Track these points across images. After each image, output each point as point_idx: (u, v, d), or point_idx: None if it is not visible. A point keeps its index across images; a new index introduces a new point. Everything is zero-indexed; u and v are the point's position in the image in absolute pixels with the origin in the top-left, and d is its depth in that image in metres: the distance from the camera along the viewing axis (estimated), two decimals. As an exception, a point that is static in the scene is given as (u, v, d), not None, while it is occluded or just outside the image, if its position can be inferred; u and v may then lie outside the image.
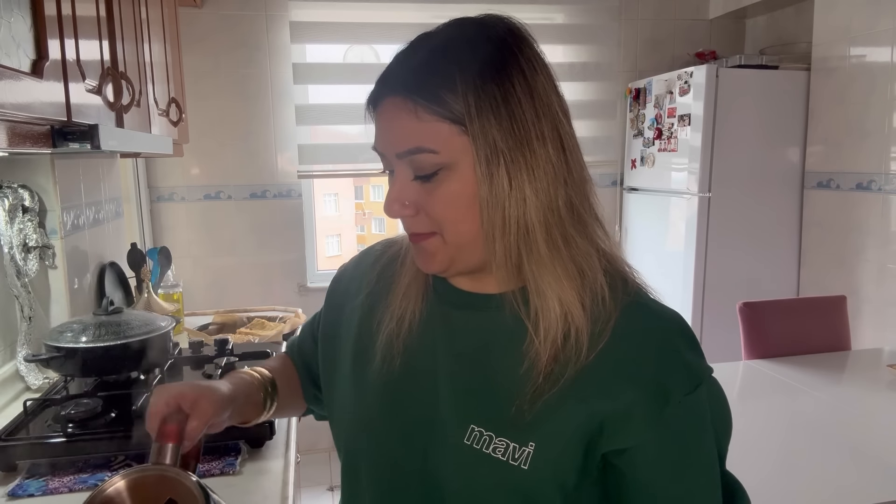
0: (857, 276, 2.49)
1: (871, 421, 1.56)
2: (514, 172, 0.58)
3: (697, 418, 0.62)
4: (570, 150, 0.62)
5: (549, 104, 0.60)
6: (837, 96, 2.55)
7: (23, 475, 1.08)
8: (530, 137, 0.58)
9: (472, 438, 0.63)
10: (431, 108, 0.58)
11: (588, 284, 0.61)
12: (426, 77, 0.59)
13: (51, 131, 0.97)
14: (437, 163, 0.59)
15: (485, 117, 0.57)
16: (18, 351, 1.46)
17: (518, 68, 0.59)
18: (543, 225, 0.59)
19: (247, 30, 2.82)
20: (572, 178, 0.61)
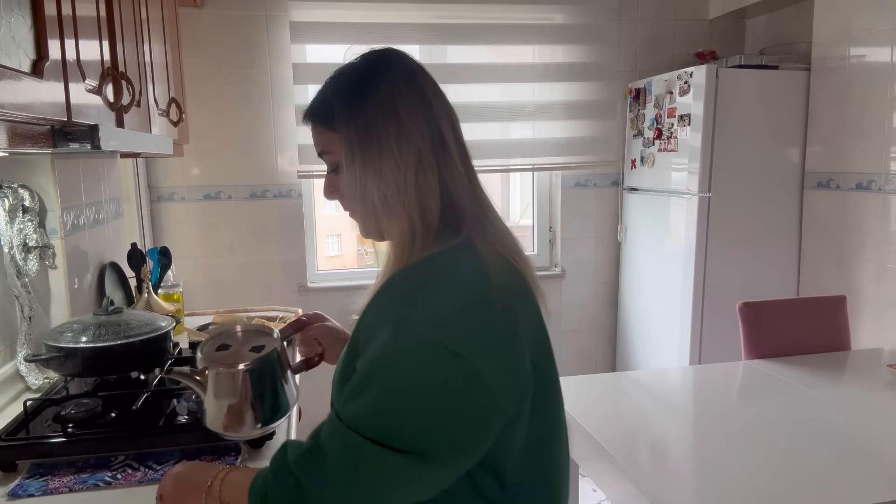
0: (857, 276, 2.49)
1: (871, 421, 1.56)
2: (363, 166, 0.78)
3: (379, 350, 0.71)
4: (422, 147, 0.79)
5: (397, 113, 0.79)
6: (837, 96, 2.55)
7: (23, 475, 1.08)
8: (381, 141, 0.78)
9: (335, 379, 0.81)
10: (321, 124, 0.83)
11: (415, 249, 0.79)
12: (319, 103, 0.84)
13: (51, 131, 0.97)
14: (334, 160, 0.83)
15: (348, 126, 0.79)
16: (18, 351, 1.46)
17: (374, 88, 0.79)
18: (384, 205, 0.79)
19: (247, 30, 2.82)
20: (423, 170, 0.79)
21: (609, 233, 3.26)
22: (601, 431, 1.49)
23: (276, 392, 0.88)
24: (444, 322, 0.69)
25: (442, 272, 0.75)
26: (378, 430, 0.68)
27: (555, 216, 3.27)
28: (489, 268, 0.75)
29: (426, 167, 0.79)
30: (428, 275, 0.75)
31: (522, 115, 3.04)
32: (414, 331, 0.69)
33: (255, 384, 0.86)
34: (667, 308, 2.84)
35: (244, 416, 0.86)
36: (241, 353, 0.88)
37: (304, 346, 1.07)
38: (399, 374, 0.69)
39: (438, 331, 0.68)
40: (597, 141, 3.13)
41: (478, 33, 2.95)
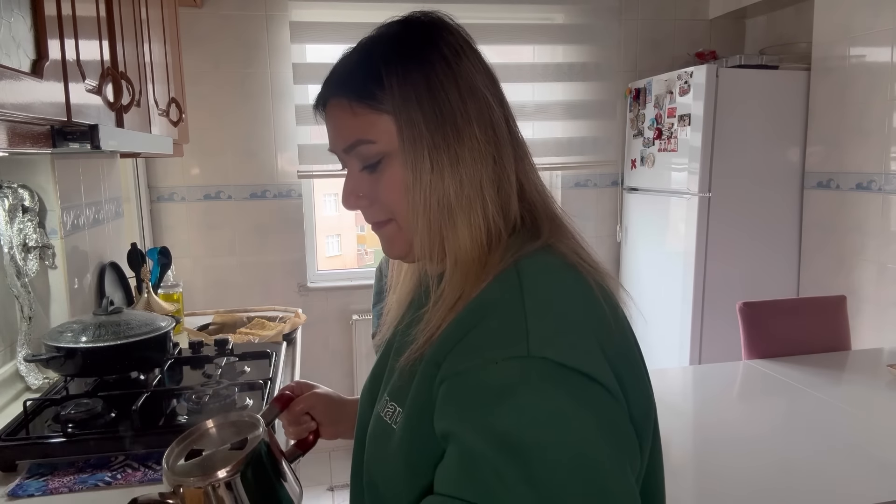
0: (857, 276, 2.49)
1: (871, 421, 1.56)
2: (435, 154, 0.61)
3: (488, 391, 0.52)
4: (500, 130, 0.64)
5: (474, 87, 0.63)
6: (837, 96, 2.55)
7: (23, 475, 1.08)
8: (455, 121, 0.61)
9: (382, 406, 0.65)
10: (364, 103, 0.62)
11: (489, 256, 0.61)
12: (356, 75, 0.63)
13: (51, 131, 0.97)
14: (377, 152, 0.62)
15: (409, 104, 0.61)
16: (18, 351, 1.46)
17: (440, 55, 0.62)
18: (464, 203, 0.61)
19: (247, 30, 2.82)
20: (501, 158, 0.63)
21: (609, 233, 3.26)
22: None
23: (273, 494, 0.70)
24: (570, 343, 0.54)
25: (545, 287, 0.58)
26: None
27: (555, 216, 3.27)
28: (586, 276, 0.60)
29: (505, 155, 0.64)
30: (531, 294, 0.57)
31: (522, 115, 3.03)
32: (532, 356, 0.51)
33: (247, 492, 0.66)
34: (667, 308, 2.84)
35: None
36: (218, 456, 0.69)
37: (292, 426, 0.87)
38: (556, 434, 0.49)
39: (563, 352, 0.52)
40: (597, 141, 3.12)
41: (478, 33, 2.90)
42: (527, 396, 0.50)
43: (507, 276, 0.59)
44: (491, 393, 0.51)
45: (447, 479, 0.52)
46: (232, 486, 0.65)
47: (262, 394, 1.28)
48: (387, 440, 0.62)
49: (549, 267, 0.61)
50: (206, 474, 0.65)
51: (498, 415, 0.50)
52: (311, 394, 0.87)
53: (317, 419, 0.87)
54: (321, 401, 0.87)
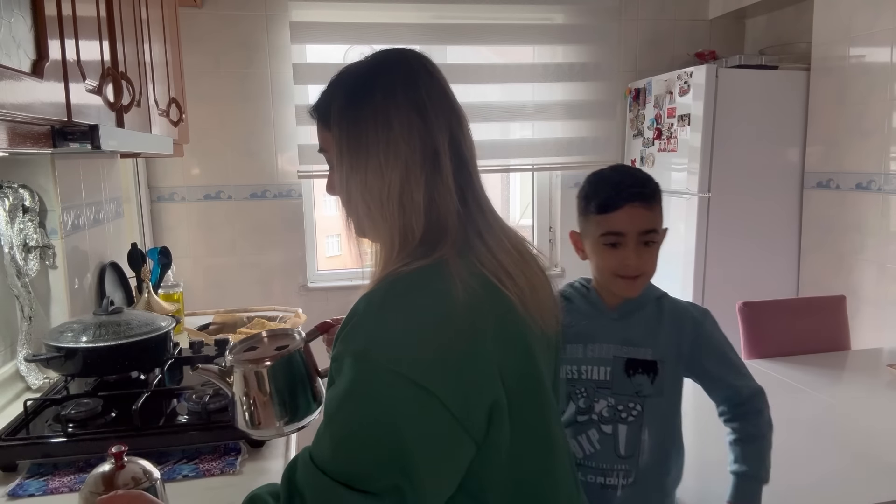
0: (857, 275, 2.49)
1: (870, 421, 1.56)
2: (350, 169, 0.78)
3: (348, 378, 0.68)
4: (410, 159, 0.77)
5: (391, 124, 0.77)
6: (837, 96, 2.55)
7: (23, 475, 1.08)
8: (368, 147, 0.77)
9: None
10: (322, 122, 0.82)
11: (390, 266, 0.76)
12: (322, 101, 0.82)
13: (51, 131, 0.98)
14: (328, 158, 0.83)
15: (339, 129, 0.79)
16: (19, 351, 1.46)
17: (369, 94, 0.77)
18: (365, 210, 0.78)
19: (247, 30, 2.82)
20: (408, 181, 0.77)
21: (609, 233, 3.26)
22: (601, 431, 1.49)
23: (301, 390, 0.91)
24: (402, 351, 0.67)
25: (403, 296, 0.72)
26: (344, 472, 0.65)
27: (555, 216, 3.27)
28: (455, 287, 0.70)
29: (412, 183, 0.76)
30: (388, 299, 0.72)
31: (522, 116, 3.04)
32: (371, 361, 0.66)
33: (279, 381, 0.88)
34: (667, 308, 2.83)
35: (270, 414, 0.88)
36: (265, 352, 0.92)
37: (331, 346, 1.01)
38: (359, 408, 0.66)
39: (396, 360, 0.66)
40: (597, 141, 3.12)
41: (478, 33, 2.95)
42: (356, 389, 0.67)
43: (381, 284, 0.75)
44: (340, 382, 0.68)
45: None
46: (269, 373, 0.87)
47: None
48: None
49: (418, 283, 0.73)
50: (254, 361, 0.87)
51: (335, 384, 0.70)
52: None
53: None
54: None
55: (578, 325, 1.15)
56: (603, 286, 1.16)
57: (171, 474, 1.08)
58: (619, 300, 1.15)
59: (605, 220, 1.10)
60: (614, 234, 1.08)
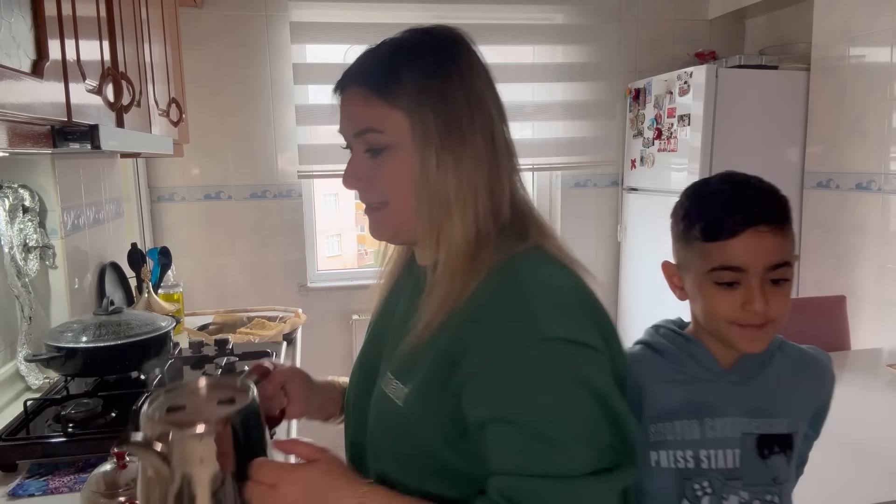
0: (857, 276, 2.49)
1: (870, 421, 1.56)
2: (442, 156, 0.69)
3: (515, 377, 0.62)
4: (499, 143, 0.72)
5: (483, 101, 0.72)
6: (837, 96, 2.55)
7: (23, 475, 1.09)
8: (461, 127, 0.69)
9: (386, 383, 0.74)
10: (380, 96, 0.70)
11: (477, 254, 0.69)
12: (379, 71, 0.71)
13: (51, 131, 0.98)
14: (382, 142, 0.71)
15: (423, 106, 0.69)
16: (19, 351, 1.46)
17: (456, 70, 0.71)
18: (460, 203, 0.69)
19: (247, 30, 2.82)
20: (497, 167, 0.72)
21: (609, 233, 3.26)
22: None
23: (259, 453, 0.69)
24: (571, 322, 0.64)
25: (542, 277, 0.68)
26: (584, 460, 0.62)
27: (555, 216, 3.27)
28: (570, 265, 0.71)
29: (501, 163, 0.72)
30: (530, 285, 0.66)
31: (522, 115, 3.04)
32: (551, 342, 0.62)
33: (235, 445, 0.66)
34: (667, 308, 2.82)
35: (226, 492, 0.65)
36: (207, 410, 0.68)
37: (265, 399, 0.82)
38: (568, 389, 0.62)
39: (570, 329, 0.63)
40: (597, 141, 3.12)
41: (478, 33, 2.88)
42: (546, 375, 0.62)
43: (505, 271, 0.68)
44: (518, 378, 0.62)
45: (508, 460, 0.63)
46: (221, 437, 0.64)
47: (262, 394, 1.28)
48: (391, 412, 0.72)
49: (542, 261, 0.70)
50: (198, 423, 0.64)
51: (529, 394, 0.62)
52: (290, 367, 0.90)
53: (291, 394, 0.86)
54: (298, 375, 0.89)
55: (686, 391, 0.87)
56: (714, 336, 0.87)
57: (171, 474, 1.07)
58: (736, 355, 0.87)
59: (718, 249, 0.81)
60: (731, 269, 0.80)
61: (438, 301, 0.69)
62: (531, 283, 0.66)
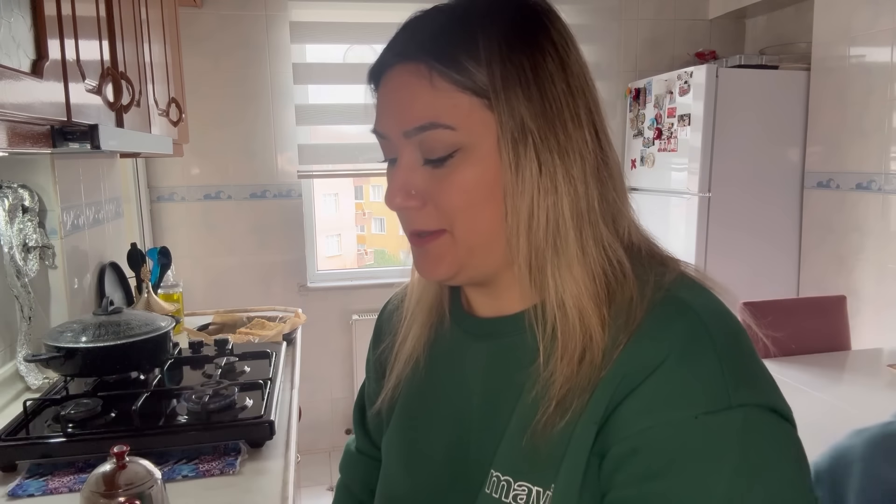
0: (857, 276, 2.49)
1: (871, 421, 1.56)
2: (544, 156, 0.50)
3: (706, 450, 0.45)
4: (605, 135, 0.55)
5: (585, 83, 0.53)
6: (837, 96, 2.55)
7: (23, 475, 1.08)
8: (564, 118, 0.51)
9: (491, 486, 0.54)
10: (450, 76, 0.50)
11: (615, 292, 0.51)
12: (445, 41, 0.51)
13: (51, 131, 0.97)
14: (452, 142, 0.51)
15: (512, 91, 0.49)
16: (18, 351, 1.46)
17: (549, 40, 0.51)
18: (576, 220, 0.51)
19: (247, 30, 2.82)
20: (608, 167, 0.53)
21: (609, 233, 3.26)
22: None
23: None
24: (763, 385, 0.50)
25: (721, 322, 0.51)
26: None
27: (555, 216, 3.27)
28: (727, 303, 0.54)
29: (611, 165, 0.54)
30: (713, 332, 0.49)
31: (522, 115, 3.03)
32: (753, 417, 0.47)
33: None
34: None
35: None
36: None
37: None
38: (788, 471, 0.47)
39: (766, 397, 0.49)
40: (597, 141, 3.12)
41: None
42: (736, 452, 0.45)
43: (672, 315, 0.49)
44: (698, 453, 0.45)
45: None
46: None
47: (261, 394, 1.28)
48: None
49: (710, 299, 0.53)
50: None
51: (711, 475, 0.45)
52: None
53: None
54: None
55: None
56: None
57: (171, 474, 1.07)
58: None
59: None
60: None
61: (572, 366, 0.50)
62: (711, 331, 0.49)
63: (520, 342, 0.55)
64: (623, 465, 0.47)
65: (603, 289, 0.51)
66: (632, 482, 0.46)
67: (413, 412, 0.65)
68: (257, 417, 1.17)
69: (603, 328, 0.50)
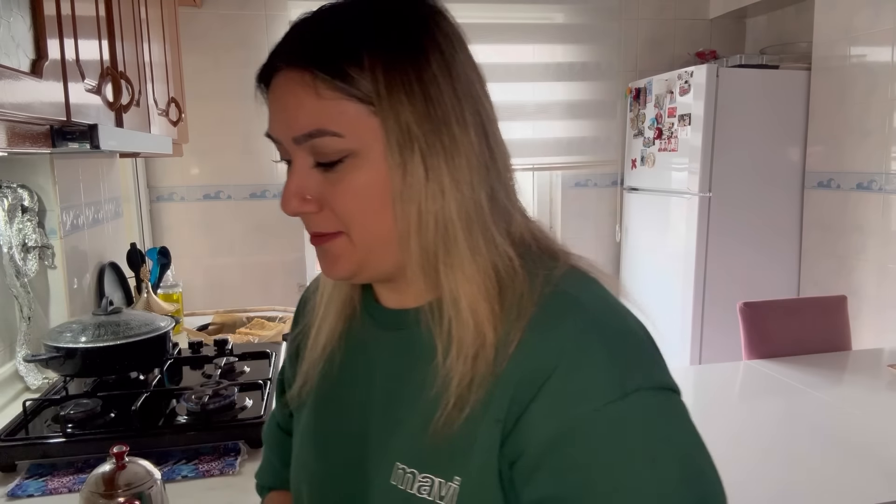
0: (857, 276, 2.49)
1: (871, 421, 1.56)
2: (430, 161, 0.51)
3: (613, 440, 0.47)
4: (493, 136, 0.55)
5: (470, 85, 0.54)
6: (837, 96, 2.55)
7: (22, 475, 1.08)
8: (449, 122, 0.51)
9: (397, 478, 0.55)
10: (335, 84, 0.50)
11: (506, 288, 0.53)
12: (329, 48, 0.51)
13: (50, 131, 0.97)
14: (342, 149, 0.51)
15: (396, 97, 0.50)
16: (18, 351, 1.45)
17: (435, 44, 0.52)
18: (464, 221, 0.52)
19: (246, 29, 2.81)
20: (496, 167, 0.55)
21: (609, 233, 3.26)
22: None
23: None
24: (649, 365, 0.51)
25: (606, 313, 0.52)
26: None
27: (555, 216, 3.27)
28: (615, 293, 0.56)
29: (501, 167, 0.55)
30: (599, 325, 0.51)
31: (522, 115, 3.03)
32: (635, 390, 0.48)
33: None
34: (667, 308, 2.83)
35: None
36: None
37: None
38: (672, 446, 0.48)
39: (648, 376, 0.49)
40: (597, 141, 3.12)
41: (478, 33, 2.92)
42: (640, 436, 0.47)
43: (561, 310, 0.51)
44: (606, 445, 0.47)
45: None
46: None
47: (261, 394, 1.28)
48: None
49: (597, 290, 0.54)
50: None
51: (623, 463, 0.46)
52: None
53: None
54: None
55: None
56: None
57: (171, 475, 1.07)
58: None
59: None
60: None
61: (469, 361, 0.51)
62: (598, 324, 0.50)
63: (420, 336, 0.57)
64: (537, 467, 0.48)
65: (494, 286, 0.52)
66: (548, 482, 0.48)
67: (324, 399, 0.66)
68: (257, 417, 1.17)
69: (495, 326, 0.52)
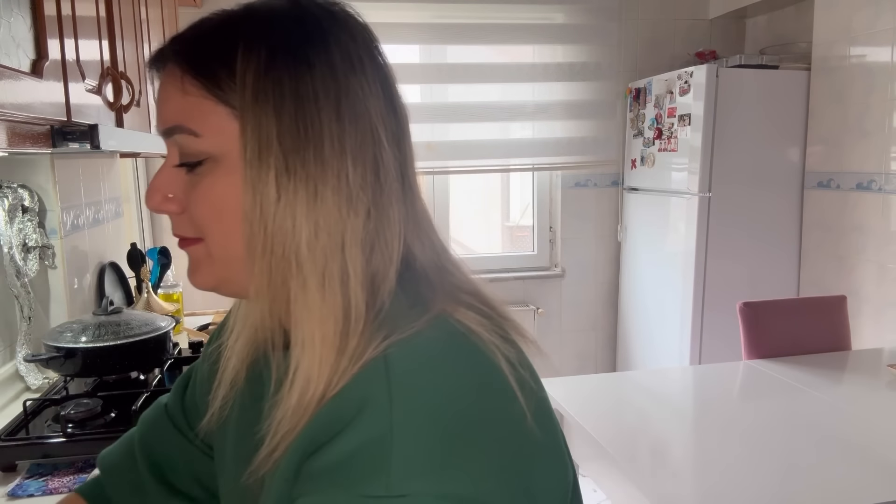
0: (857, 276, 2.49)
1: (871, 421, 1.56)
2: (285, 182, 0.46)
3: None
4: (386, 178, 0.48)
5: (361, 113, 0.48)
6: (837, 96, 2.55)
7: (23, 475, 1.08)
8: (321, 143, 0.46)
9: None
10: (199, 82, 0.48)
11: (348, 339, 0.46)
12: (202, 45, 0.50)
13: (50, 131, 0.97)
14: (199, 150, 0.48)
15: (262, 107, 0.46)
16: (18, 351, 1.46)
17: (326, 60, 0.47)
18: (320, 259, 0.46)
19: (247, 30, 2.81)
20: (381, 215, 0.48)
21: (609, 233, 3.26)
22: (601, 431, 1.49)
23: None
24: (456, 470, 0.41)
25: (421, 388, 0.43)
26: None
27: (555, 216, 3.27)
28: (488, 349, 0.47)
29: (389, 211, 0.48)
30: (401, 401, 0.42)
31: (522, 115, 3.03)
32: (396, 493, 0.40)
33: None
34: (667, 308, 2.83)
35: None
36: None
37: None
38: None
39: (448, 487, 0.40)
40: (597, 141, 3.12)
41: (478, 33, 2.94)
42: None
43: (372, 373, 0.44)
44: None
45: None
46: None
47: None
48: None
49: (437, 362, 0.45)
50: None
51: None
52: None
53: None
54: None
55: None
56: None
57: (171, 475, 1.07)
58: None
59: None
60: None
61: (297, 408, 0.45)
62: (400, 400, 0.42)
63: (268, 368, 0.53)
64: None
65: (338, 336, 0.46)
66: None
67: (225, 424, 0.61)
68: (257, 417, 1.17)
69: (324, 379, 0.45)
